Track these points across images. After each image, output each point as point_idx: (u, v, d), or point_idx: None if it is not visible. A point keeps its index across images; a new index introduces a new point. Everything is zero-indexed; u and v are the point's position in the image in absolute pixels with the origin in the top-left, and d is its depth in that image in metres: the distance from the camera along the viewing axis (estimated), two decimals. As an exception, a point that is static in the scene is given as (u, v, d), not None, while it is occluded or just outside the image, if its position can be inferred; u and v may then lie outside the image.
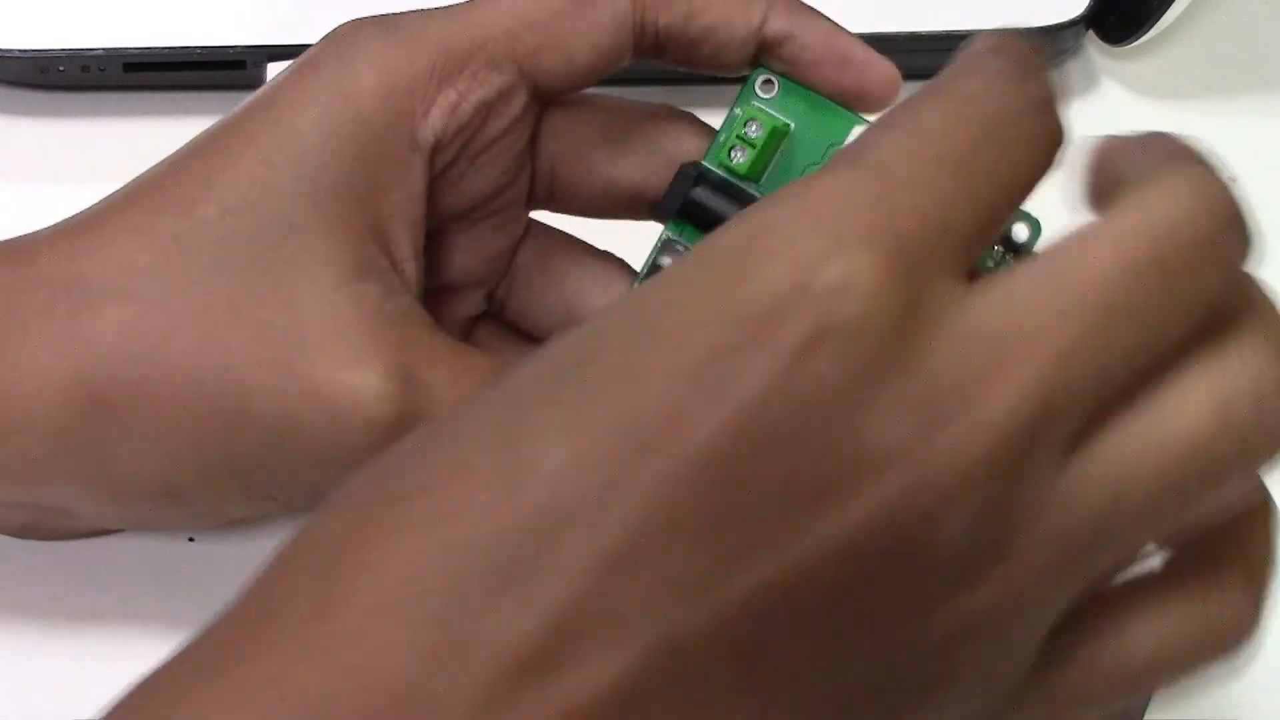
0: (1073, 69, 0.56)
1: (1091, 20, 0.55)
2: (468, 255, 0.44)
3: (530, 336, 0.46)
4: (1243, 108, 0.56)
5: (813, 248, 0.28)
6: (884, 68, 0.42)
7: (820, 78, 0.42)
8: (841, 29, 0.43)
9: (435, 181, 0.42)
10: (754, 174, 0.42)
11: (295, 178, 0.40)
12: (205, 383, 0.39)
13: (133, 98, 0.54)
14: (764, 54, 0.42)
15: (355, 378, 0.39)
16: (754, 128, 0.41)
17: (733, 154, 0.42)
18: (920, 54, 0.55)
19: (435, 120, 0.41)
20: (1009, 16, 0.54)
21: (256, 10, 0.54)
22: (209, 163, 0.41)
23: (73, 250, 0.40)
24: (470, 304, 0.46)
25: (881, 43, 0.54)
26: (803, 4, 0.43)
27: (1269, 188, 0.54)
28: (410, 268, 0.42)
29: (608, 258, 0.46)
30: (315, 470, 0.40)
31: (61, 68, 0.53)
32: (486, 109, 0.42)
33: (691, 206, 0.42)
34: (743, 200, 0.42)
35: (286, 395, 0.39)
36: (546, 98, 0.43)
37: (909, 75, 0.55)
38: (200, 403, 0.40)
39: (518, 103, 0.42)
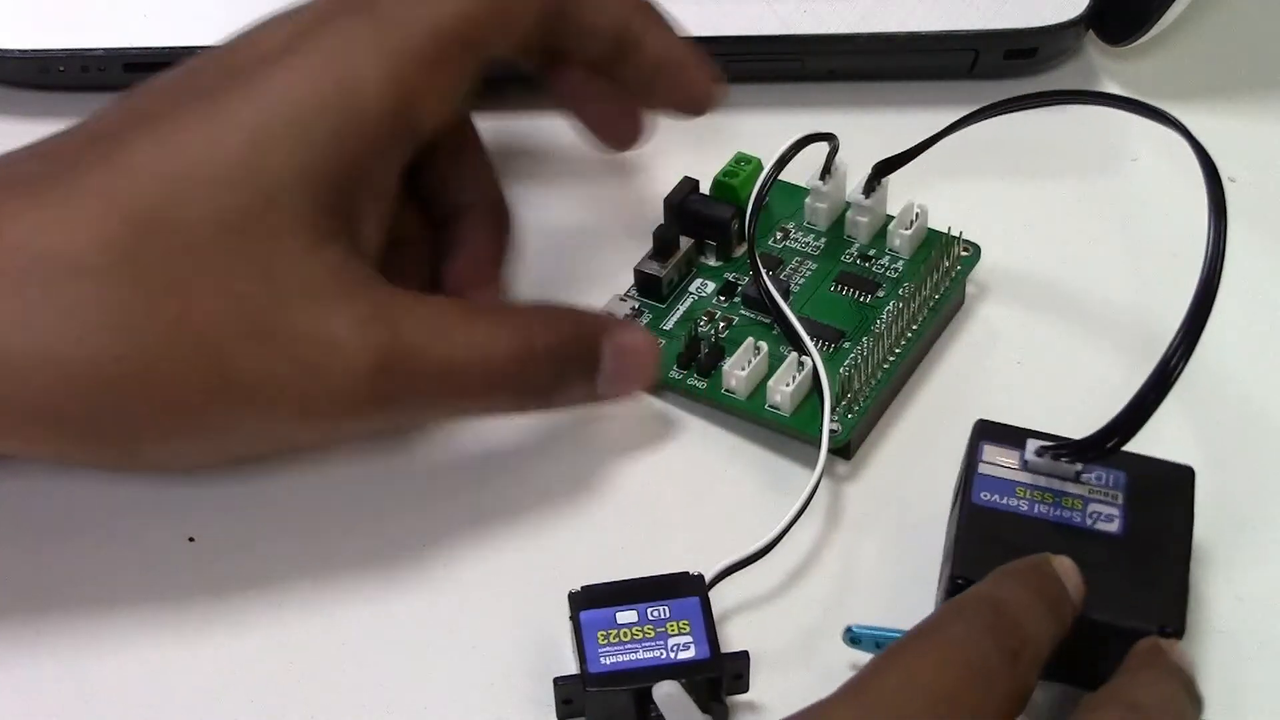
0: (1073, 69, 0.56)
1: (1091, 20, 0.55)
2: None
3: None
4: (1243, 108, 0.56)
5: None
6: (706, 82, 0.47)
7: (656, 93, 0.47)
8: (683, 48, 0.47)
9: None
10: None
11: (285, 163, 0.41)
12: (185, 355, 0.40)
13: (133, 98, 0.54)
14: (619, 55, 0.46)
15: (331, 329, 0.41)
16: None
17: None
18: (921, 54, 0.55)
19: (433, 107, 0.43)
20: (1009, 16, 0.54)
21: (256, 10, 0.54)
22: (188, 136, 0.41)
23: (41, 221, 0.40)
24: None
25: (881, 42, 0.54)
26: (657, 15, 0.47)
27: (1269, 188, 0.54)
28: (373, 236, 0.43)
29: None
30: (296, 427, 0.42)
31: (61, 68, 0.53)
32: (465, 93, 0.44)
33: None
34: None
35: (267, 358, 0.40)
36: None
37: (910, 76, 0.56)
38: (181, 374, 0.40)
39: (476, 85, 0.44)
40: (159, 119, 0.41)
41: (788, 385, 0.46)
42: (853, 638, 0.41)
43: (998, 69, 0.55)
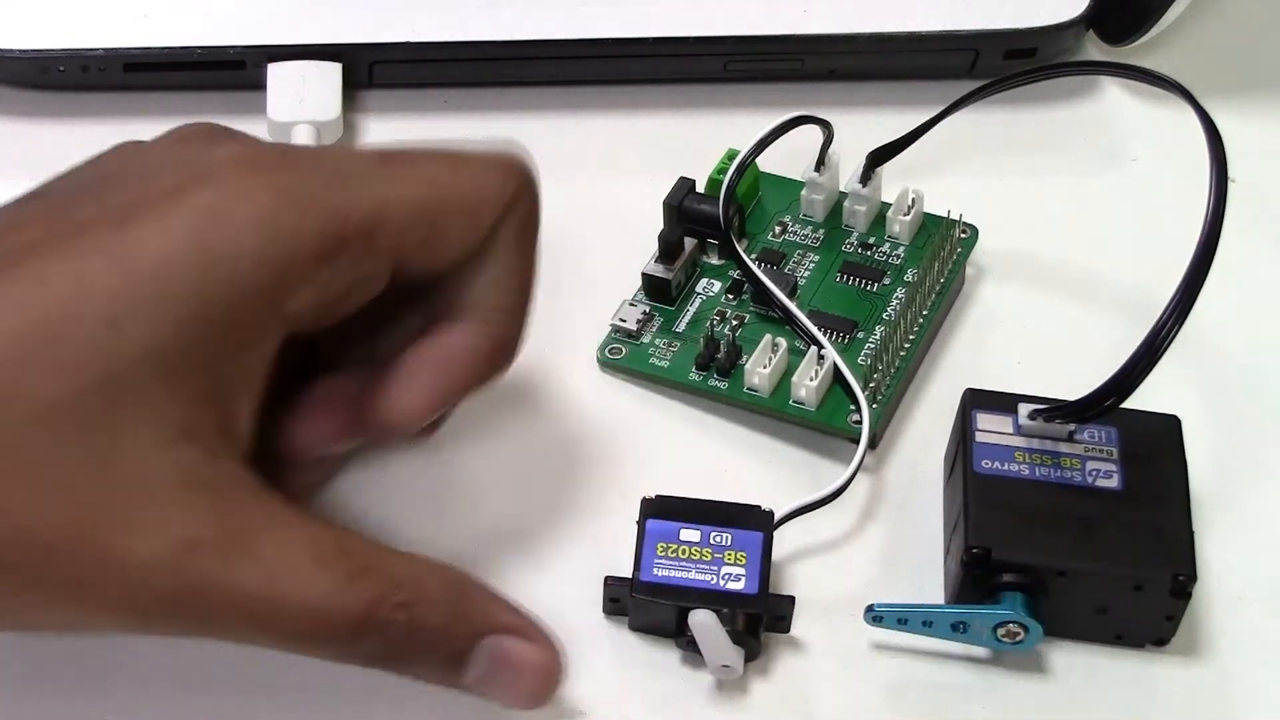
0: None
1: (1091, 20, 0.55)
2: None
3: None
4: (1243, 108, 0.56)
5: None
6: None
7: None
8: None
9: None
10: None
11: (144, 346, 0.37)
12: (3, 544, 0.37)
13: (133, 98, 0.54)
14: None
15: (147, 547, 0.37)
16: None
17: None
18: (921, 54, 0.55)
19: (306, 296, 0.39)
20: (1009, 16, 0.54)
21: (256, 10, 0.54)
22: (46, 290, 0.37)
23: None
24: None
25: (881, 42, 0.54)
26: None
27: (1269, 187, 0.54)
28: (244, 424, 0.39)
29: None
30: (109, 625, 0.39)
31: (61, 68, 0.53)
32: (354, 288, 0.40)
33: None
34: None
35: (79, 562, 0.37)
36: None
37: (910, 75, 0.56)
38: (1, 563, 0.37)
39: (380, 283, 0.40)
40: (24, 256, 0.38)
41: (811, 380, 0.46)
42: (874, 616, 0.42)
43: (998, 69, 0.54)
